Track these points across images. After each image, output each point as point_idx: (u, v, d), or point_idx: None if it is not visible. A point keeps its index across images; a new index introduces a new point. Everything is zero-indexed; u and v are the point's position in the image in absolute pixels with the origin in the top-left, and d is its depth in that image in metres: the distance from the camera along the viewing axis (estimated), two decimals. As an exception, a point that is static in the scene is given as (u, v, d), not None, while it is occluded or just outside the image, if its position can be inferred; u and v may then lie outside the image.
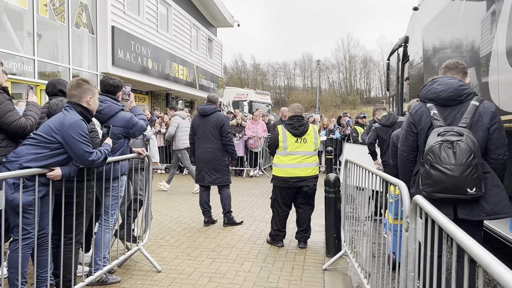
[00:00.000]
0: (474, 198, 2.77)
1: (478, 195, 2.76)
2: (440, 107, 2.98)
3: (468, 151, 2.70)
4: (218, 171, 5.96)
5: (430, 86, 3.07)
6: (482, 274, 1.38)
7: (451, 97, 2.94)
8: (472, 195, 2.74)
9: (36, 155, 2.90)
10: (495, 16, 3.80)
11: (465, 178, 2.70)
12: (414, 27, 7.47)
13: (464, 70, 3.15)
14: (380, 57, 56.64)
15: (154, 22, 15.88)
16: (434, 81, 3.08)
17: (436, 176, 2.77)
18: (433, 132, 2.89)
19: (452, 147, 2.74)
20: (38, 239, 2.97)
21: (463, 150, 2.71)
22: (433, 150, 2.79)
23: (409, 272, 2.40)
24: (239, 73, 61.95)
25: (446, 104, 2.96)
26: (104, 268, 3.68)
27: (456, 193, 2.75)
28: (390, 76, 9.88)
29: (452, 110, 2.94)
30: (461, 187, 2.73)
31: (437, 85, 3.02)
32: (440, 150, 2.76)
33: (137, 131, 4.04)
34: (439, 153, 2.76)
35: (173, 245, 5.04)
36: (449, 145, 2.74)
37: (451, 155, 2.73)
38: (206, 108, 6.04)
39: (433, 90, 3.02)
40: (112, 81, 4.04)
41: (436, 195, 2.81)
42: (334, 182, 4.62)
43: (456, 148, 2.72)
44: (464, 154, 2.70)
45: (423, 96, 3.12)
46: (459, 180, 2.71)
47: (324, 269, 4.24)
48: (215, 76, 23.28)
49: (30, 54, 9.95)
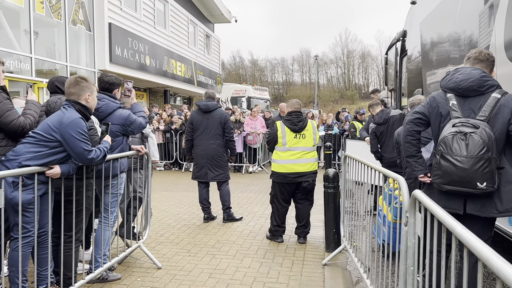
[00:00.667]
0: (484, 193, 2.69)
1: (489, 191, 2.67)
2: (460, 97, 2.89)
3: (481, 144, 2.63)
4: (220, 167, 5.97)
5: (452, 75, 2.97)
6: (482, 268, 1.38)
7: (471, 87, 2.83)
8: (482, 190, 2.66)
9: (35, 154, 2.90)
10: (493, 10, 3.80)
11: (475, 171, 2.63)
12: (412, 21, 7.45)
13: (493, 63, 3.02)
14: (378, 52, 56.58)
15: (151, 19, 15.83)
16: (456, 71, 2.98)
17: (446, 167, 2.72)
18: (449, 123, 2.82)
19: (465, 139, 2.67)
20: (38, 237, 2.98)
21: (476, 142, 2.64)
22: (445, 141, 2.74)
23: (409, 266, 2.41)
24: (237, 69, 61.81)
25: (466, 95, 2.86)
26: (105, 265, 3.69)
27: (465, 186, 2.69)
28: (388, 70, 9.87)
29: (471, 101, 2.84)
30: (470, 180, 2.65)
31: (458, 74, 2.92)
32: (452, 141, 2.71)
33: (136, 128, 4.02)
34: (451, 144, 2.71)
35: (173, 241, 5.05)
36: (462, 137, 2.68)
37: (463, 147, 2.67)
38: (209, 104, 6.00)
39: (454, 79, 2.92)
40: (108, 79, 4.02)
41: (445, 187, 2.76)
42: (333, 177, 4.63)
43: (469, 140, 2.65)
44: (477, 147, 2.63)
45: (444, 85, 3.01)
46: (469, 173, 2.64)
47: (324, 264, 4.25)
48: (213, 72, 23.23)
49: (27, 52, 9.91)
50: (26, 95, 3.75)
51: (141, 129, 4.13)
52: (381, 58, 52.03)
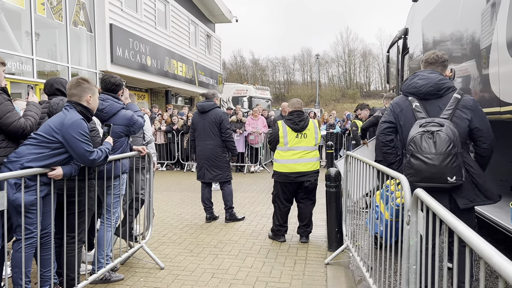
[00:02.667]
0: (454, 186, 2.89)
1: (458, 184, 2.87)
2: (421, 100, 3.11)
3: (448, 141, 2.82)
4: (218, 167, 5.96)
5: (411, 80, 3.19)
6: (484, 266, 1.38)
7: (431, 92, 3.07)
8: (452, 183, 2.85)
9: (37, 155, 2.91)
10: (495, 8, 3.79)
11: (445, 167, 2.81)
12: (413, 19, 7.43)
13: (444, 63, 3.25)
14: (380, 50, 56.48)
15: (152, 19, 15.84)
16: (415, 75, 3.20)
17: (417, 166, 2.88)
18: (415, 124, 3.01)
19: (432, 137, 2.85)
20: (41, 238, 2.98)
21: (443, 139, 2.82)
22: (415, 141, 2.90)
23: (411, 265, 2.41)
24: (238, 69, 61.80)
25: (426, 98, 3.09)
26: (107, 266, 3.69)
27: (437, 182, 2.86)
28: (390, 68, 9.85)
29: (432, 103, 3.08)
30: (441, 176, 2.83)
31: (417, 80, 3.14)
32: (421, 140, 2.88)
33: (137, 128, 4.05)
34: (420, 143, 2.88)
35: (175, 242, 5.05)
36: (430, 135, 2.86)
37: (432, 145, 2.84)
38: (204, 105, 6.03)
39: (413, 85, 3.14)
40: (114, 80, 4.03)
41: (418, 184, 2.87)
42: (335, 176, 4.62)
43: (436, 138, 2.84)
44: (444, 144, 2.82)
45: (405, 89, 3.23)
46: (439, 169, 2.82)
47: (326, 263, 4.25)
48: (214, 72, 23.24)
49: (29, 53, 9.94)
50: (27, 96, 3.76)
51: (141, 128, 4.17)
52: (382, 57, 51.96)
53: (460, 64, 4.75)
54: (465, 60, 4.58)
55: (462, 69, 4.68)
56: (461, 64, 4.70)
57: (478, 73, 4.23)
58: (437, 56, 3.25)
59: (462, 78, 4.71)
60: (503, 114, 3.70)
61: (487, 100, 3.99)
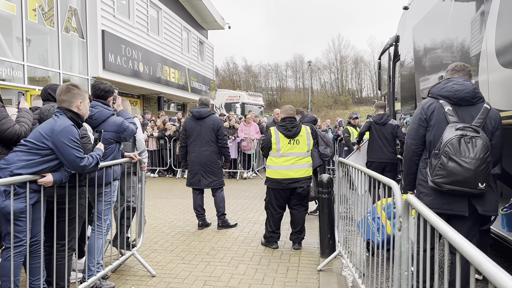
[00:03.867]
0: (481, 193, 2.91)
1: (485, 191, 2.89)
2: (453, 105, 3.09)
3: (486, 148, 2.85)
4: (214, 174, 5.94)
5: (445, 84, 3.17)
6: (474, 272, 1.39)
7: (466, 98, 3.06)
8: (480, 190, 2.87)
9: (27, 162, 2.87)
10: (484, 17, 3.84)
11: (479, 173, 2.83)
12: (404, 26, 7.52)
13: (470, 73, 3.28)
14: (371, 57, 56.97)
15: (145, 26, 15.84)
16: (450, 80, 3.18)
17: (452, 168, 2.87)
18: (450, 127, 2.98)
19: (471, 142, 2.86)
20: (30, 246, 2.94)
21: (481, 145, 2.84)
22: (453, 143, 2.89)
23: (403, 271, 2.41)
24: (231, 75, 61.92)
25: (459, 104, 3.07)
26: (98, 274, 3.65)
27: (467, 186, 2.86)
28: (381, 75, 9.94)
29: (464, 110, 3.06)
30: (473, 181, 2.84)
31: (453, 84, 3.12)
32: (459, 143, 2.88)
33: (128, 135, 4.03)
34: (458, 146, 2.87)
35: (167, 249, 5.02)
36: (468, 140, 2.87)
37: (471, 149, 2.85)
38: (201, 111, 6.00)
39: (448, 88, 3.12)
40: (103, 86, 4.02)
41: (446, 186, 2.90)
42: (328, 182, 4.63)
43: (476, 143, 2.85)
44: (482, 150, 2.83)
45: (436, 92, 3.19)
46: (473, 174, 2.83)
47: (319, 270, 4.24)
48: (207, 79, 23.25)
49: (20, 59, 9.87)
50: (18, 104, 3.73)
51: (133, 135, 4.14)
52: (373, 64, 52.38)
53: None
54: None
55: (452, 76, 4.72)
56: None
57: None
58: (464, 65, 3.29)
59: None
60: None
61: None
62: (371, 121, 6.83)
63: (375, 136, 6.69)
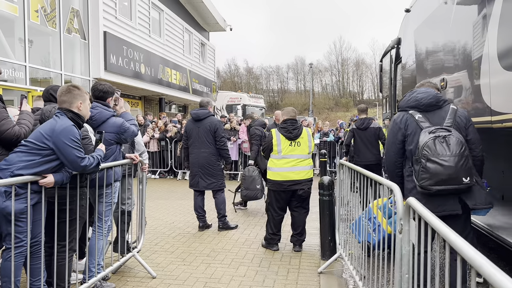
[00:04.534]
0: (468, 187, 2.99)
1: (471, 185, 2.99)
2: (422, 112, 3.26)
3: (460, 143, 2.96)
4: (212, 175, 5.94)
5: (410, 96, 3.38)
6: (475, 275, 1.38)
7: (431, 103, 3.25)
8: (466, 184, 2.95)
9: (27, 162, 2.88)
10: (486, 20, 3.84)
11: (460, 168, 2.92)
12: (406, 29, 7.51)
13: (436, 86, 3.53)
14: (372, 60, 57.04)
15: (146, 27, 15.86)
16: (413, 91, 3.40)
17: (433, 169, 2.95)
18: (423, 132, 3.12)
19: (444, 141, 2.97)
20: (31, 247, 2.94)
21: (455, 142, 2.96)
22: (429, 145, 2.99)
23: (404, 274, 2.41)
24: (232, 77, 62.01)
25: (427, 110, 3.26)
26: (98, 275, 3.65)
27: (452, 183, 2.94)
28: (382, 77, 9.93)
29: (433, 115, 3.24)
30: (456, 177, 2.92)
31: (416, 94, 3.33)
32: (435, 144, 2.98)
33: (129, 136, 4.03)
34: (434, 147, 2.97)
35: (167, 250, 5.01)
36: (442, 140, 2.98)
37: (446, 148, 2.95)
38: (199, 113, 6.03)
39: (414, 98, 3.32)
40: (101, 87, 4.02)
41: (434, 187, 2.96)
42: (328, 185, 4.63)
43: (449, 141, 2.96)
44: (457, 146, 2.95)
45: (404, 105, 3.39)
46: (455, 170, 2.91)
47: (320, 272, 4.24)
48: (208, 80, 23.27)
49: (22, 60, 9.89)
50: (20, 106, 3.74)
51: (134, 136, 4.14)
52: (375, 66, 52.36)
53: (452, 74, 4.80)
54: (457, 70, 4.63)
55: (454, 79, 4.73)
56: (453, 74, 4.75)
57: (470, 83, 4.28)
58: (429, 82, 3.61)
59: (454, 88, 4.76)
60: (494, 123, 3.74)
61: (479, 109, 4.04)
62: (353, 128, 7.26)
63: (359, 140, 7.08)
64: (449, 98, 4.90)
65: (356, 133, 7.16)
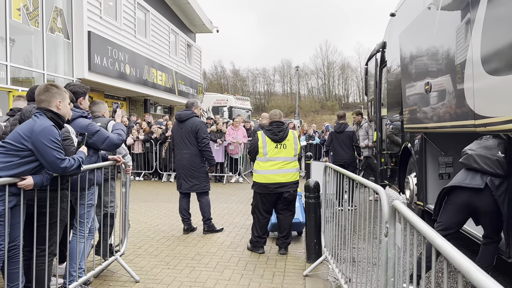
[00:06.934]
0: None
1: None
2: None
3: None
4: (195, 177, 5.87)
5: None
6: (462, 280, 1.37)
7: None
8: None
9: (5, 164, 2.79)
10: (470, 25, 3.88)
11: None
12: (391, 32, 7.58)
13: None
14: (358, 63, 57.47)
15: (132, 28, 15.71)
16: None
17: None
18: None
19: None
20: (9, 251, 2.85)
21: None
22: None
23: (389, 278, 2.40)
24: (219, 79, 61.81)
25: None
26: (80, 279, 3.56)
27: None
28: (368, 81, 10.00)
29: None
30: None
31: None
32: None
33: (100, 142, 3.78)
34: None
35: (151, 254, 4.94)
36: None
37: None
38: (182, 114, 5.98)
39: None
40: (71, 87, 3.92)
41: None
42: (314, 187, 4.62)
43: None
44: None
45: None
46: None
47: (305, 275, 4.22)
48: (194, 82, 23.16)
49: (3, 59, 9.68)
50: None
51: (113, 145, 3.89)
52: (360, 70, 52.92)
53: (436, 78, 4.84)
54: (441, 74, 4.67)
55: (438, 83, 4.77)
56: (437, 78, 4.80)
57: (453, 87, 4.32)
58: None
59: (438, 92, 4.81)
60: (477, 127, 3.78)
61: (463, 113, 4.08)
62: (332, 131, 8.52)
63: (336, 142, 8.12)
64: (433, 102, 4.95)
65: (334, 136, 8.22)
